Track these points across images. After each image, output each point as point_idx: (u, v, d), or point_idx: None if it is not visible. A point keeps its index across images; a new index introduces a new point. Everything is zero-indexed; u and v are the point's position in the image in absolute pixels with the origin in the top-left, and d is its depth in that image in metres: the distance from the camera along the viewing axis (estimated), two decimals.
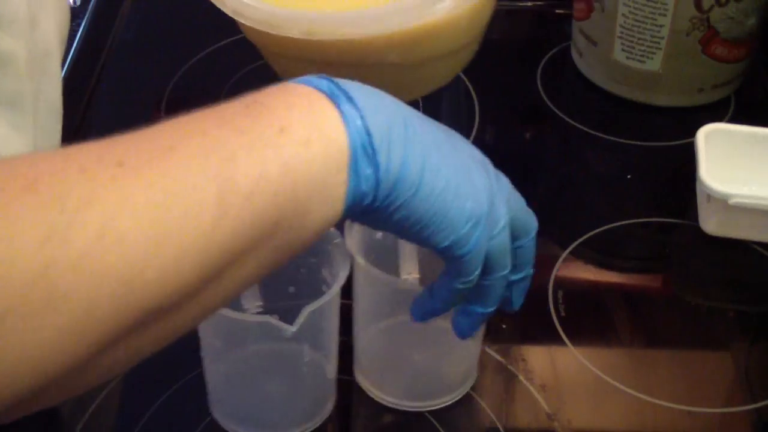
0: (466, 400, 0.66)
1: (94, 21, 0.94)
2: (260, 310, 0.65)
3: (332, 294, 0.58)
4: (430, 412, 0.65)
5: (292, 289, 0.64)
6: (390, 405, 0.65)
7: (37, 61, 0.56)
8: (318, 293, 0.60)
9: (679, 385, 0.68)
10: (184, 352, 0.63)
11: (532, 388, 0.66)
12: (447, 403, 0.65)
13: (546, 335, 0.69)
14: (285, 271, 0.63)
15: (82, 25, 0.94)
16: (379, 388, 0.65)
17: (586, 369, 0.68)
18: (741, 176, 0.76)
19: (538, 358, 0.69)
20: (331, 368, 0.63)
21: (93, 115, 0.87)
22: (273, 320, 0.56)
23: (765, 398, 0.66)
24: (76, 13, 0.93)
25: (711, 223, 0.76)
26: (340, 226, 0.61)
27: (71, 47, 0.92)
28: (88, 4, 0.95)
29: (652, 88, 0.87)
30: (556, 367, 0.68)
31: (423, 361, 0.65)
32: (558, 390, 0.66)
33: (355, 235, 0.61)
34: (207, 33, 0.97)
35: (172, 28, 1.00)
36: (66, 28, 0.65)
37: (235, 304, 0.64)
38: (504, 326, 0.70)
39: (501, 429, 0.64)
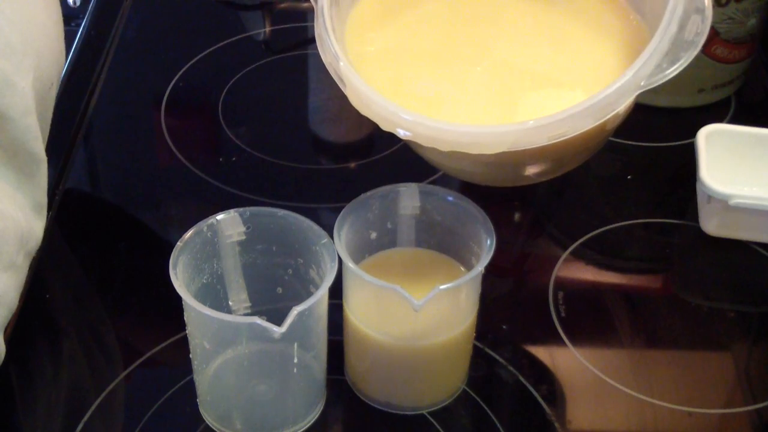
0: (466, 401, 0.66)
1: (94, 21, 0.94)
2: (248, 311, 0.65)
3: (320, 295, 0.58)
4: (429, 412, 0.64)
5: (279, 290, 0.64)
6: (381, 408, 0.65)
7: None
8: (306, 294, 0.60)
9: (680, 385, 0.68)
10: (181, 356, 0.63)
11: (532, 389, 0.66)
12: (436, 408, 0.65)
13: (546, 335, 0.69)
14: (272, 272, 0.64)
15: (82, 25, 0.94)
16: (371, 389, 0.65)
17: (586, 369, 0.68)
18: (741, 177, 0.76)
19: (538, 358, 0.68)
20: (321, 369, 0.63)
21: (93, 115, 0.87)
22: (261, 321, 0.56)
23: (765, 399, 0.66)
24: (76, 13, 0.93)
25: (711, 224, 0.76)
26: (328, 226, 0.61)
27: (71, 47, 0.92)
28: (88, 4, 0.95)
29: (653, 88, 0.87)
30: (556, 368, 0.68)
31: (413, 364, 0.64)
32: (558, 390, 0.66)
33: (346, 236, 0.61)
34: (207, 33, 0.97)
35: (172, 28, 1.00)
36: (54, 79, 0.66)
37: (222, 305, 0.64)
38: (504, 327, 0.70)
39: (501, 429, 0.64)
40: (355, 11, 0.65)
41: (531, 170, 0.64)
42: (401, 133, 0.57)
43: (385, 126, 0.58)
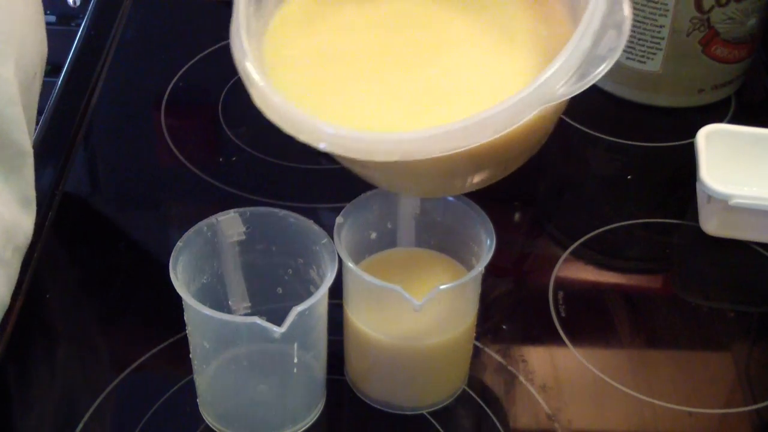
0: (466, 401, 0.66)
1: (94, 21, 0.94)
2: (248, 311, 0.65)
3: (320, 294, 0.58)
4: (429, 412, 0.65)
5: (279, 290, 0.64)
6: (381, 408, 0.65)
7: None
8: (306, 294, 0.60)
9: (679, 385, 0.68)
10: (181, 356, 0.63)
11: (532, 389, 0.66)
12: (436, 408, 0.65)
13: (546, 335, 0.69)
14: (272, 272, 0.64)
15: (82, 25, 0.94)
16: (371, 389, 0.65)
17: (586, 369, 0.68)
18: (741, 177, 0.76)
19: (538, 358, 0.68)
20: (321, 369, 0.63)
21: (93, 115, 0.87)
22: (261, 321, 0.56)
23: (765, 399, 0.66)
24: (75, 13, 0.93)
25: (711, 224, 0.76)
26: (328, 226, 0.61)
27: (71, 47, 0.92)
28: (88, 4, 0.95)
29: (653, 88, 0.87)
30: (556, 368, 0.68)
31: (414, 364, 0.64)
32: (558, 390, 0.66)
33: (346, 236, 0.61)
34: (207, 33, 0.97)
35: (172, 28, 1.00)
36: (36, 67, 0.64)
37: (222, 305, 0.64)
38: (504, 327, 0.70)
39: (501, 430, 0.64)
40: (280, 13, 0.64)
41: (474, 176, 0.62)
42: (300, 137, 0.56)
43: (284, 127, 0.57)
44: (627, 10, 0.55)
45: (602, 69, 0.53)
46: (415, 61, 0.60)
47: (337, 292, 0.61)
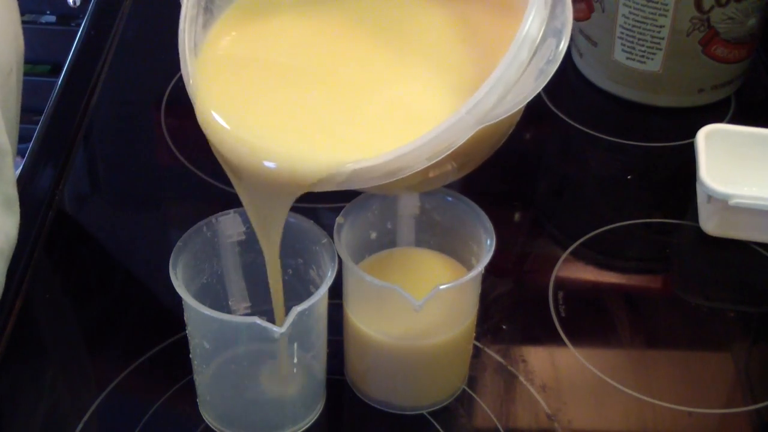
0: (466, 401, 0.66)
1: (94, 21, 0.94)
2: (248, 311, 0.65)
3: (320, 294, 0.58)
4: (429, 412, 0.65)
5: None
6: (381, 408, 0.65)
7: None
8: (306, 294, 0.60)
9: (679, 385, 0.68)
10: (181, 356, 0.63)
11: (532, 389, 0.66)
12: (436, 408, 0.65)
13: (546, 335, 0.69)
14: None
15: (82, 25, 0.94)
16: (371, 389, 0.65)
17: (586, 369, 0.68)
18: (741, 177, 0.76)
19: (538, 358, 0.68)
20: (321, 369, 0.63)
21: (93, 115, 0.87)
22: (261, 321, 0.56)
23: (765, 399, 0.66)
24: (76, 13, 0.93)
25: (711, 224, 0.76)
26: (328, 226, 0.61)
27: (71, 47, 0.92)
28: (88, 4, 0.95)
29: (653, 88, 0.87)
30: (556, 368, 0.68)
31: (413, 364, 0.64)
32: (558, 390, 0.66)
33: (346, 236, 0.61)
34: None
35: (172, 28, 1.00)
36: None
37: (222, 305, 0.64)
38: (504, 327, 0.70)
39: (501, 430, 0.64)
40: (223, 15, 0.63)
41: (434, 172, 0.60)
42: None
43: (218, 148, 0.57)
44: (568, 13, 0.51)
45: (539, 83, 0.51)
46: (350, 82, 0.58)
47: (337, 292, 0.61)
